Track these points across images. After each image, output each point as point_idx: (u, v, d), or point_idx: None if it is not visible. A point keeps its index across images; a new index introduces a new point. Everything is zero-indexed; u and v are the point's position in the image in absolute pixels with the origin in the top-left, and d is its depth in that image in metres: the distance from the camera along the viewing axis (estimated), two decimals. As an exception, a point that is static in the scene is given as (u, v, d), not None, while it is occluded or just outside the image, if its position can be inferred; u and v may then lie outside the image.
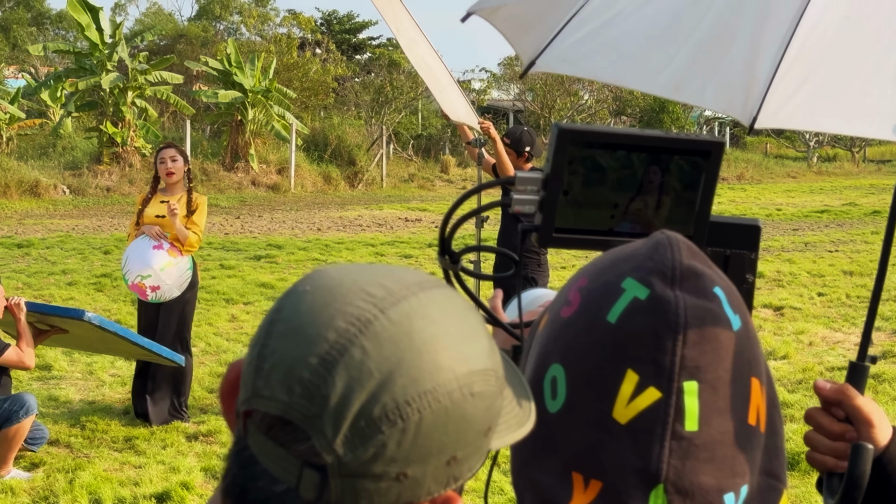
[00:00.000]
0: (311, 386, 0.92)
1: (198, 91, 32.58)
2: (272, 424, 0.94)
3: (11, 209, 24.06)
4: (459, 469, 0.97)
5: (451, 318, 0.98)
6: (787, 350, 10.15)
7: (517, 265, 1.46)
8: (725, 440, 1.06)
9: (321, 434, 0.91)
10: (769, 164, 44.19)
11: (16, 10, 59.99)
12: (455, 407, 0.94)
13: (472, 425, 0.96)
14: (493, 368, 0.99)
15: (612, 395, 1.06)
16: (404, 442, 0.92)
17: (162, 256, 7.55)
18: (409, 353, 0.93)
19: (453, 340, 0.96)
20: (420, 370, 0.93)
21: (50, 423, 7.56)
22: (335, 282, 0.99)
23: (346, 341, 0.93)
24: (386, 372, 0.92)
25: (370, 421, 0.91)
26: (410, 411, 0.92)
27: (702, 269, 1.09)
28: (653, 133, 1.35)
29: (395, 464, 0.92)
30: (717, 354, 1.06)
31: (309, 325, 0.95)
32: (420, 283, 1.00)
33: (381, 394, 0.91)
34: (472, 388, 0.95)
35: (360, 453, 0.91)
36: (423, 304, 0.97)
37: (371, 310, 0.95)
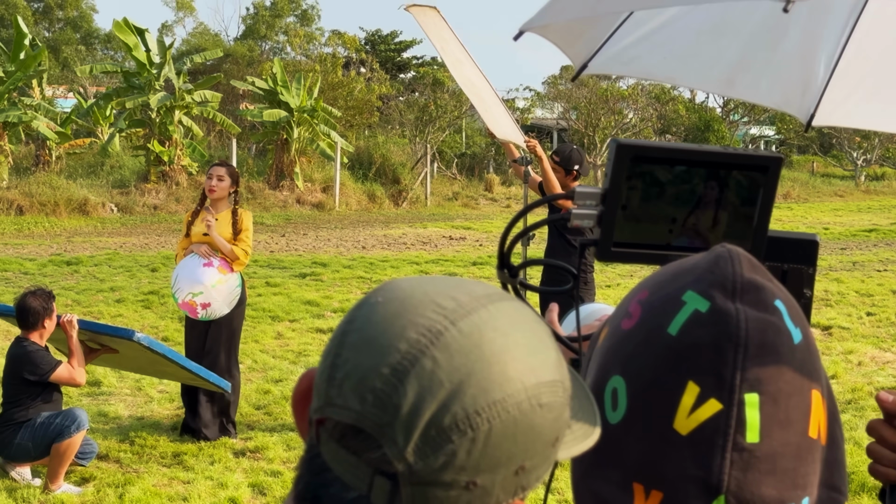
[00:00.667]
0: (383, 395, 0.94)
1: (244, 110, 32.83)
2: (344, 433, 0.96)
3: (61, 227, 24.33)
4: (527, 478, 0.99)
5: (520, 330, 0.99)
6: (836, 370, 10.07)
7: (575, 279, 1.47)
8: (787, 452, 1.07)
9: (392, 442, 0.93)
10: (816, 183, 43.85)
11: (65, 31, 60.76)
12: (523, 417, 0.96)
13: (541, 436, 0.97)
14: (560, 380, 1.01)
15: (673, 407, 1.07)
16: (474, 451, 0.93)
17: (213, 273, 7.61)
18: (479, 363, 0.95)
19: (522, 352, 0.97)
20: (490, 381, 0.94)
21: (99, 439, 7.63)
22: (407, 293, 1.00)
23: (417, 352, 0.94)
24: (456, 382, 0.94)
25: (440, 430, 0.93)
26: (480, 421, 0.93)
27: (763, 282, 1.10)
28: (711, 148, 1.36)
29: (464, 472, 0.94)
30: (778, 367, 1.06)
31: (381, 336, 0.96)
32: (489, 296, 1.01)
33: (451, 403, 0.93)
34: (540, 399, 0.97)
35: (431, 462, 0.93)
36: (492, 315, 0.99)
37: (442, 321, 0.96)
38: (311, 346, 11.22)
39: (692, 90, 49.65)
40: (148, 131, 29.56)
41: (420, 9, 7.49)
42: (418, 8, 7.48)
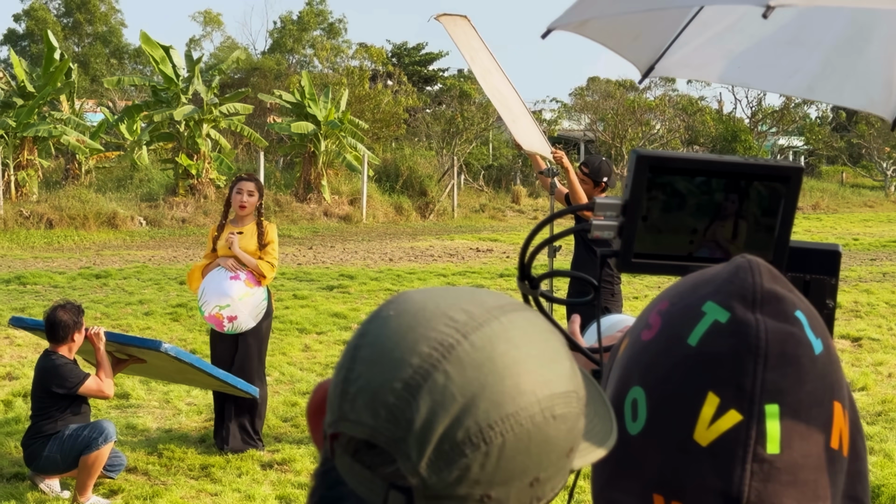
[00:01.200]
0: (397, 410, 0.94)
1: (272, 124, 32.95)
2: (358, 447, 0.96)
3: (90, 240, 24.48)
4: (542, 490, 0.99)
5: (532, 342, 0.99)
6: (866, 381, 10.00)
7: (596, 290, 1.47)
8: (808, 463, 1.06)
9: (406, 457, 0.94)
10: (845, 194, 43.60)
11: (94, 46, 61.21)
12: (537, 430, 0.96)
13: (555, 447, 0.98)
14: (574, 390, 1.01)
15: (694, 418, 1.07)
16: (487, 465, 0.94)
17: (239, 286, 7.63)
18: (491, 377, 0.95)
19: (535, 364, 0.98)
20: (502, 394, 0.94)
21: (128, 451, 7.67)
22: (418, 306, 1.00)
23: (429, 366, 0.95)
24: (469, 396, 0.94)
25: (454, 444, 0.93)
26: (493, 435, 0.94)
27: (783, 293, 1.10)
28: (731, 159, 1.35)
29: (478, 486, 0.94)
30: (799, 378, 1.06)
31: (393, 350, 0.97)
32: (502, 308, 1.01)
33: (464, 418, 0.93)
34: (553, 411, 0.97)
35: (445, 476, 0.93)
36: (504, 328, 0.98)
37: (454, 335, 0.96)
38: (339, 358, 11.22)
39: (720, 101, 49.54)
40: (176, 144, 29.72)
41: (450, 18, 7.51)
42: (448, 17, 7.51)
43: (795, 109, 47.77)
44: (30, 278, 17.04)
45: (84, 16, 63.50)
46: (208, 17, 64.21)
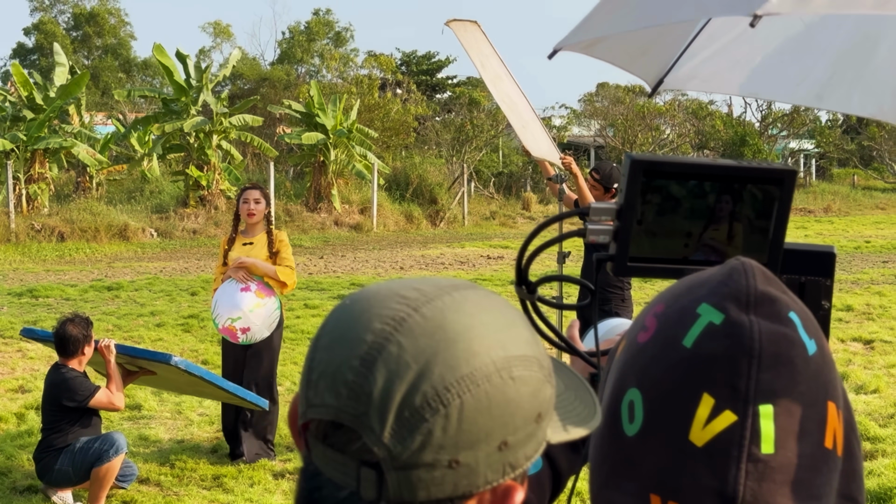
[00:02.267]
0: (356, 386, 0.96)
1: (282, 134, 33.01)
2: (326, 431, 0.99)
3: (101, 252, 24.54)
4: (514, 455, 1.00)
5: (485, 311, 1.01)
6: (878, 384, 9.96)
7: (593, 295, 1.48)
8: (802, 463, 1.07)
9: (370, 430, 0.96)
10: (857, 196, 43.49)
11: (104, 58, 61.45)
12: (495, 390, 0.97)
13: (519, 410, 0.99)
14: (534, 356, 1.02)
15: (689, 418, 1.07)
16: (449, 428, 0.95)
17: (250, 298, 7.64)
18: (443, 343, 0.97)
19: (488, 329, 1.00)
20: (455, 357, 0.97)
21: (140, 462, 7.68)
22: (372, 292, 1.04)
23: (383, 339, 0.97)
24: (423, 363, 0.96)
25: (413, 410, 0.95)
26: (450, 397, 0.95)
27: (777, 294, 1.10)
28: (725, 162, 1.36)
29: (444, 451, 0.96)
30: (793, 378, 1.06)
31: (349, 332, 1.00)
32: (454, 286, 1.04)
33: (420, 383, 0.95)
34: (511, 372, 0.99)
35: (409, 443, 0.95)
36: (456, 301, 1.01)
37: (405, 309, 0.99)
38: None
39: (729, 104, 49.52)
40: (186, 156, 29.79)
41: (460, 24, 7.53)
42: (459, 23, 7.52)
43: (806, 112, 47.70)
44: (42, 291, 17.09)
45: (93, 28, 63.78)
46: (218, 29, 64.41)
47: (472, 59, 7.53)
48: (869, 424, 8.44)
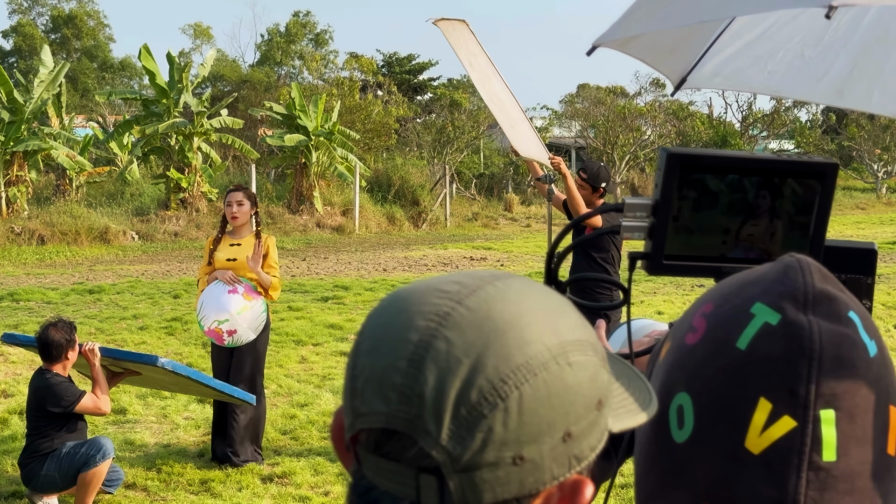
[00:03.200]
0: (406, 388, 0.91)
1: (263, 137, 32.95)
2: (378, 440, 0.93)
3: (82, 255, 24.40)
4: (579, 447, 0.94)
5: (531, 298, 0.96)
6: (866, 383, 9.97)
7: (627, 294, 1.42)
8: (865, 471, 1.02)
9: (426, 433, 0.90)
10: (837, 196, 43.41)
11: (82, 60, 61.23)
12: (553, 378, 0.92)
13: (579, 397, 0.93)
14: (588, 340, 0.97)
15: (745, 425, 1.02)
16: (509, 422, 0.90)
17: (238, 300, 7.57)
18: (493, 333, 0.92)
19: (537, 316, 0.95)
20: (508, 347, 0.91)
21: (126, 467, 7.60)
22: (409, 290, 0.99)
23: (429, 336, 0.92)
24: (474, 356, 0.91)
25: (470, 407, 0.90)
26: (508, 389, 0.90)
27: (835, 293, 1.05)
28: (764, 156, 1.31)
29: (507, 447, 0.90)
30: (855, 381, 1.01)
31: (391, 333, 0.94)
32: (494, 276, 0.99)
33: (475, 378, 0.90)
34: (568, 358, 0.94)
35: (469, 443, 0.90)
36: (499, 290, 0.96)
37: (448, 303, 0.94)
38: (336, 369, 11.18)
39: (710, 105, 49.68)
40: (167, 158, 29.69)
41: (448, 23, 7.49)
42: (447, 22, 7.48)
43: (786, 113, 47.89)
44: (23, 295, 16.97)
45: (72, 31, 63.55)
46: (198, 30, 64.27)
47: (460, 59, 7.49)
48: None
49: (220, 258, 7.79)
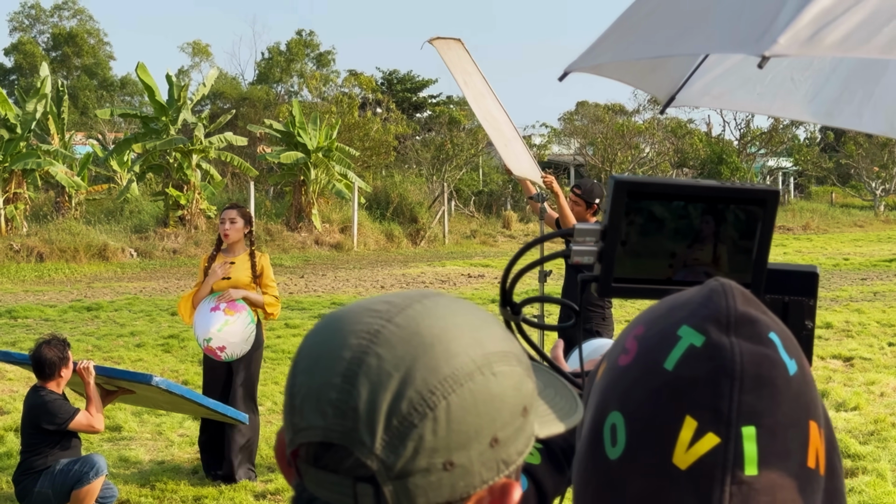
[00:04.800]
0: (340, 403, 0.97)
1: (262, 154, 33.02)
2: (317, 453, 0.99)
3: (81, 273, 24.44)
4: (506, 451, 1.01)
5: (457, 314, 1.03)
6: (858, 401, 9.99)
7: (577, 316, 1.48)
8: (785, 484, 1.07)
9: (361, 444, 0.96)
10: (835, 214, 43.76)
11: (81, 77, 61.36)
12: (479, 388, 0.98)
13: (504, 404, 1.00)
14: (511, 351, 1.04)
15: (672, 442, 1.07)
16: (439, 430, 0.96)
17: (218, 317, 7.61)
18: (421, 348, 0.98)
19: (462, 330, 1.01)
20: (435, 360, 0.98)
21: (120, 484, 7.63)
22: (343, 311, 1.05)
23: (361, 353, 0.98)
24: (404, 370, 0.97)
25: (401, 418, 0.96)
26: (436, 399, 0.96)
27: (756, 315, 1.10)
28: (708, 183, 1.37)
29: (437, 454, 0.96)
30: (775, 399, 1.07)
31: (326, 352, 1.01)
32: (423, 294, 1.06)
33: (404, 390, 0.96)
34: (492, 368, 1.00)
35: (402, 451, 0.96)
36: (427, 307, 1.03)
37: (378, 321, 1.00)
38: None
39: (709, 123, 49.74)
40: (166, 176, 29.75)
41: (443, 41, 7.55)
42: (442, 41, 7.54)
43: (784, 131, 47.98)
44: (21, 312, 17.01)
45: (72, 49, 63.70)
46: (197, 48, 64.43)
47: (454, 77, 7.55)
48: (849, 442, 8.46)
49: (218, 282, 7.84)
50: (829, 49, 1.79)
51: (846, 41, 1.76)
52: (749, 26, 1.91)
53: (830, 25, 1.76)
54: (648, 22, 2.48)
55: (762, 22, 1.84)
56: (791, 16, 1.77)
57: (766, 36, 1.77)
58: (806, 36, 1.75)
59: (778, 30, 1.76)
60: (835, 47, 1.77)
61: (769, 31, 1.78)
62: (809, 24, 1.76)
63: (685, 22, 2.30)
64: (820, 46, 1.76)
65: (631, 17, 2.55)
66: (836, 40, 1.76)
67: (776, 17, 1.79)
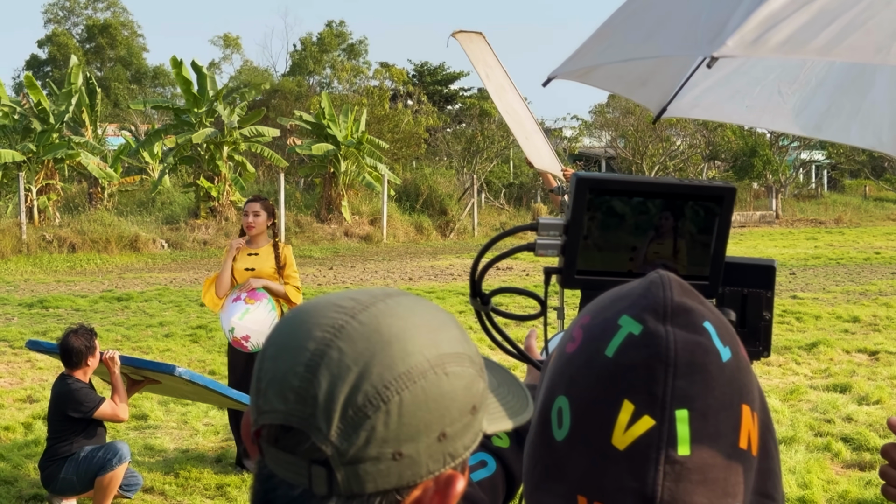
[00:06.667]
0: (301, 390, 1.05)
1: (292, 146, 33.14)
2: (277, 435, 1.07)
3: (112, 263, 24.65)
4: (453, 446, 1.09)
5: (417, 315, 1.11)
6: (881, 395, 9.98)
7: (543, 306, 1.54)
8: (717, 463, 1.13)
9: (317, 430, 1.04)
10: (868, 207, 43.42)
11: (115, 69, 61.72)
12: (431, 386, 1.06)
13: (454, 402, 1.08)
14: (465, 353, 1.12)
15: (611, 424, 1.13)
16: (390, 423, 1.04)
17: (238, 307, 7.73)
18: (379, 345, 1.06)
19: (420, 331, 1.09)
20: (392, 357, 1.06)
21: (145, 472, 7.74)
22: (310, 304, 1.13)
23: (324, 346, 1.06)
24: (362, 364, 1.05)
25: (356, 409, 1.03)
26: (390, 394, 1.04)
27: (692, 305, 1.16)
28: (666, 180, 1.42)
29: (387, 444, 1.04)
30: (707, 384, 1.12)
31: (292, 342, 1.08)
32: (387, 293, 1.14)
33: (361, 384, 1.04)
34: (445, 368, 1.08)
35: (354, 440, 1.03)
36: (389, 306, 1.10)
37: (342, 317, 1.08)
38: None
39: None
40: (197, 167, 29.92)
41: (466, 35, 7.60)
42: (465, 34, 7.60)
43: (816, 123, 47.56)
44: (52, 302, 17.20)
45: (106, 40, 64.09)
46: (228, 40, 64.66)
47: (477, 71, 7.61)
48: (869, 435, 8.47)
49: (238, 268, 7.95)
50: (772, 50, 1.86)
51: (786, 43, 1.83)
52: (704, 30, 1.98)
53: (774, 29, 1.84)
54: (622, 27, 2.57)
55: (715, 25, 1.91)
56: (740, 20, 1.85)
57: (717, 38, 1.85)
58: (752, 38, 1.83)
59: (727, 33, 1.84)
60: (777, 49, 1.84)
61: (720, 33, 1.86)
62: (755, 27, 1.84)
63: (651, 27, 2.38)
64: (764, 48, 1.83)
65: (609, 25, 2.64)
66: (778, 42, 1.83)
67: (728, 20, 1.87)
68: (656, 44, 2.33)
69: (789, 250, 27.21)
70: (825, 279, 20.21)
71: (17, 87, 64.02)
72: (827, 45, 1.84)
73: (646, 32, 2.38)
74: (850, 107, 3.64)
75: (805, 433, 8.75)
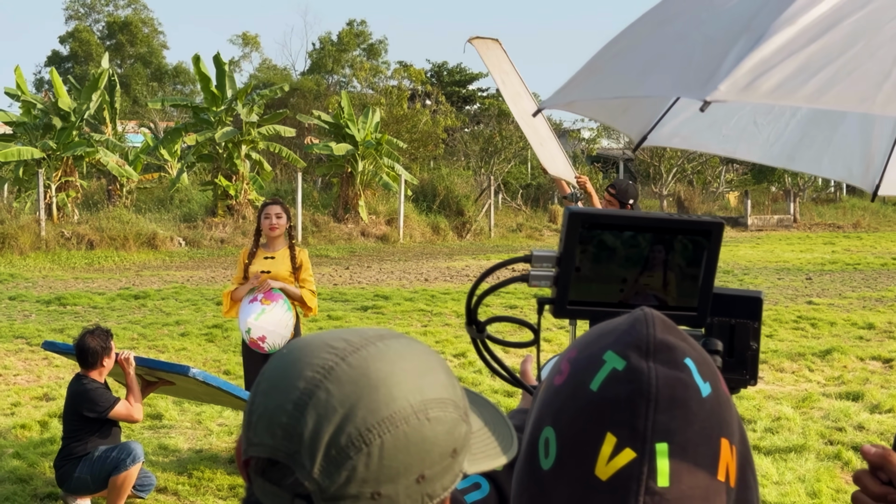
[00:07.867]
0: (289, 427, 1.11)
1: (310, 145, 33.22)
2: (264, 467, 1.13)
3: (130, 261, 24.78)
4: (432, 487, 1.14)
5: (405, 360, 1.16)
6: (894, 404, 9.96)
7: (536, 334, 1.59)
8: (695, 494, 1.18)
9: (302, 467, 1.10)
10: (887, 212, 43.25)
11: (135, 66, 61.95)
12: (413, 431, 1.12)
13: (435, 446, 1.14)
14: (450, 398, 1.17)
15: (595, 455, 1.18)
16: (371, 464, 1.10)
17: (255, 308, 7.79)
18: (366, 389, 1.12)
19: (407, 376, 1.14)
20: (377, 402, 1.11)
21: (158, 472, 7.81)
22: (305, 342, 1.19)
23: (313, 386, 1.12)
24: (348, 407, 1.10)
25: (339, 449, 1.09)
26: (372, 437, 1.10)
27: (674, 342, 1.21)
28: (656, 215, 1.47)
29: (367, 484, 1.10)
30: (686, 419, 1.17)
31: (284, 379, 1.14)
32: (380, 335, 1.19)
33: (345, 425, 1.09)
34: (427, 414, 1.14)
35: (336, 478, 1.09)
36: (380, 350, 1.16)
37: (333, 358, 1.14)
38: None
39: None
40: (215, 165, 30.04)
41: (482, 41, 7.66)
42: (481, 40, 7.65)
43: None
44: (70, 299, 17.30)
45: (126, 37, 64.34)
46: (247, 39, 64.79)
47: (493, 76, 7.66)
48: (880, 445, 8.46)
49: (254, 271, 8.00)
50: (763, 96, 1.90)
51: (777, 90, 1.88)
52: (697, 73, 2.03)
53: (764, 76, 1.89)
54: (613, 64, 2.62)
55: (707, 69, 1.96)
56: (732, 65, 1.90)
57: (709, 82, 1.90)
58: (744, 84, 1.88)
59: (720, 77, 1.89)
60: (768, 95, 1.89)
61: (713, 78, 1.91)
62: (747, 73, 1.89)
63: (643, 66, 2.43)
64: (756, 94, 1.88)
65: (599, 59, 2.70)
66: (769, 89, 1.88)
67: (720, 65, 1.92)
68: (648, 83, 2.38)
69: (806, 255, 27.15)
70: (841, 284, 20.18)
71: (37, 82, 64.38)
72: (815, 93, 1.89)
73: (638, 71, 2.44)
74: (821, 139, 3.74)
75: (816, 441, 8.76)
